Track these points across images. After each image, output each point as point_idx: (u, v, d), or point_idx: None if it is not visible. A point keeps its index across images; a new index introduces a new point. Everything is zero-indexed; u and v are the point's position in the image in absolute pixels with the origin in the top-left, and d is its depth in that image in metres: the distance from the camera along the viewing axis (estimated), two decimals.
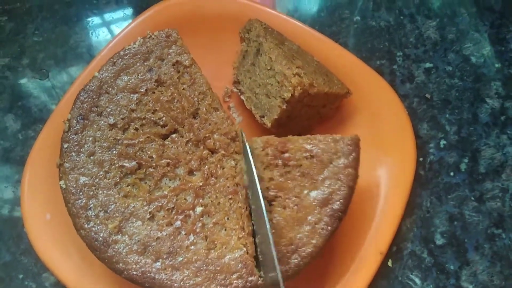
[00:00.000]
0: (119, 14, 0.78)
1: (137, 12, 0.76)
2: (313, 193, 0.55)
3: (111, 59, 0.62)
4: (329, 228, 0.54)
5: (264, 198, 0.55)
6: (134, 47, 0.62)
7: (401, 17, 0.78)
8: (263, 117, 0.63)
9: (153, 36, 0.63)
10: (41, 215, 0.63)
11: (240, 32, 0.67)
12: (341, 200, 0.54)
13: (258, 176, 0.57)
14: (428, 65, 0.75)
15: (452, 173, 0.69)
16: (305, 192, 0.55)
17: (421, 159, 0.69)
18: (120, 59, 0.61)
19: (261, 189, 0.55)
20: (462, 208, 0.67)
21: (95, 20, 0.78)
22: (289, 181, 0.56)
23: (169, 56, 0.62)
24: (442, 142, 0.70)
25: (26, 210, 0.62)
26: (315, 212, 0.54)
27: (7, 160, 0.70)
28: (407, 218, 0.67)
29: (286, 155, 0.57)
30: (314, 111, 0.65)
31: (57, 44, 0.76)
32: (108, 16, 0.78)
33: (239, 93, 0.68)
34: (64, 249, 0.61)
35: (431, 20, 0.77)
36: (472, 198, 0.68)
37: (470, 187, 0.68)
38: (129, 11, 0.79)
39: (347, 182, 0.55)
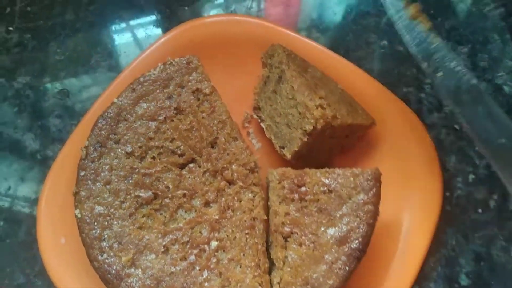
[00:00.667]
0: (142, 35, 0.77)
1: (162, 30, 0.75)
2: (331, 231, 0.53)
3: (131, 85, 0.61)
4: (347, 268, 0.52)
5: (279, 234, 0.54)
6: (154, 74, 0.61)
7: None
8: (283, 148, 0.61)
9: (173, 63, 0.62)
10: (56, 239, 0.62)
11: (262, 57, 0.66)
12: (359, 239, 0.52)
13: (273, 210, 0.55)
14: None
15: (480, 210, 0.65)
16: (322, 229, 0.53)
17: (447, 193, 0.66)
18: (140, 86, 0.61)
19: (276, 224, 0.54)
20: (490, 247, 0.64)
21: (117, 40, 0.77)
22: (305, 217, 0.54)
23: (189, 84, 0.61)
24: (471, 176, 0.67)
25: (41, 233, 0.62)
26: (332, 250, 0.52)
27: (24, 180, 0.70)
28: (430, 256, 0.64)
29: (303, 189, 0.55)
30: (336, 142, 0.63)
31: (78, 63, 0.76)
32: (129, 37, 0.78)
33: (259, 120, 0.66)
34: (77, 273, 0.60)
35: (462, 46, 0.74)
36: (501, 237, 0.64)
37: (499, 225, 0.65)
38: (152, 31, 0.78)
39: (367, 220, 0.53)
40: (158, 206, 0.57)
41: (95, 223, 0.55)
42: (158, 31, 0.77)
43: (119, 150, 0.58)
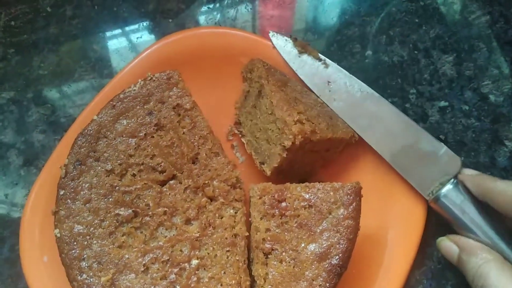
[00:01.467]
0: (125, 48, 0.77)
1: (146, 43, 0.75)
2: (311, 246, 0.53)
3: (111, 102, 0.60)
4: (327, 284, 0.52)
5: (260, 250, 0.53)
6: (134, 90, 0.61)
7: (415, 52, 0.74)
8: (263, 163, 0.61)
9: (154, 78, 0.62)
10: (39, 257, 0.62)
11: (243, 72, 0.65)
12: (340, 255, 0.52)
13: (254, 226, 0.55)
14: (443, 103, 0.71)
15: None
16: (303, 245, 0.53)
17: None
18: (120, 102, 0.60)
19: (257, 240, 0.53)
20: None
21: (100, 53, 0.77)
22: (286, 233, 0.54)
23: (169, 99, 0.61)
24: None
25: (24, 252, 0.62)
26: (313, 267, 0.52)
27: (7, 197, 0.70)
28: (416, 269, 0.63)
29: (283, 204, 0.55)
30: (317, 156, 0.62)
31: (62, 77, 0.76)
32: (114, 50, 0.77)
33: (240, 136, 0.66)
34: None
35: (448, 55, 0.74)
36: None
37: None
38: (136, 43, 0.78)
39: (347, 235, 0.52)
40: (138, 224, 0.56)
41: (75, 243, 0.55)
42: (142, 44, 0.77)
43: (99, 168, 0.58)
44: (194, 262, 0.54)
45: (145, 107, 0.60)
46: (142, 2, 0.78)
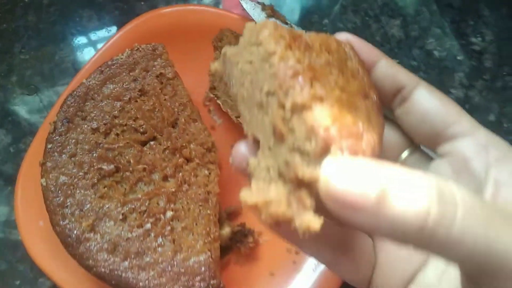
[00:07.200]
0: (102, 30, 0.83)
1: (120, 25, 0.80)
2: (354, 84, 0.38)
3: (99, 68, 0.66)
4: (380, 120, 0.38)
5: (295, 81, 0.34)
6: (121, 58, 0.66)
7: (367, 18, 0.84)
8: (239, 117, 0.67)
9: (140, 49, 0.67)
10: (35, 222, 0.65)
11: (213, 41, 0.72)
12: (376, 96, 0.39)
13: (279, 56, 0.34)
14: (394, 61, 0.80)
15: None
16: (342, 80, 0.38)
17: None
18: (108, 68, 0.65)
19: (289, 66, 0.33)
20: None
21: (78, 37, 0.82)
22: (321, 67, 0.36)
23: (153, 68, 0.66)
24: None
25: (20, 218, 0.65)
26: (362, 102, 0.37)
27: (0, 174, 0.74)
28: None
29: (304, 39, 0.38)
30: None
31: (43, 61, 0.81)
32: (91, 33, 0.83)
33: (216, 98, 0.72)
34: (58, 252, 0.62)
35: (395, 20, 0.83)
36: None
37: None
38: (111, 27, 0.83)
39: (372, 82, 0.40)
40: (119, 179, 0.61)
41: (59, 191, 0.59)
42: (118, 24, 0.82)
43: (85, 126, 0.63)
44: (169, 213, 0.59)
45: (130, 74, 0.66)
46: None
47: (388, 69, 0.39)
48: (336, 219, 0.26)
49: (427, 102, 0.37)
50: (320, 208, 0.28)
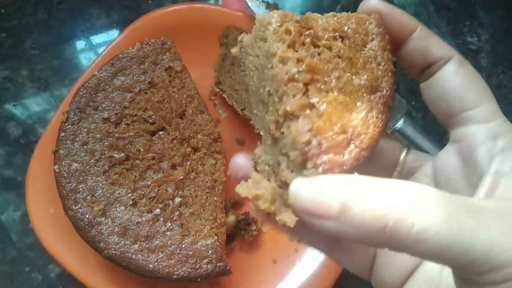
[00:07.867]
0: (110, 28, 0.85)
1: (128, 23, 0.83)
2: (357, 79, 0.40)
3: (111, 61, 0.68)
4: (383, 117, 0.40)
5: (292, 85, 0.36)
6: (132, 51, 0.69)
7: None
8: (244, 109, 0.69)
9: (150, 43, 0.69)
10: (45, 210, 0.67)
11: (219, 38, 0.75)
12: (389, 86, 0.41)
13: (280, 57, 0.37)
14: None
15: None
16: (347, 75, 0.39)
17: None
18: (119, 61, 0.68)
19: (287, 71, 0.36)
20: None
21: (87, 34, 0.85)
22: (323, 63, 0.39)
23: (162, 62, 0.69)
24: None
25: (30, 205, 0.67)
26: (364, 99, 0.40)
27: (10, 164, 0.76)
28: None
29: (312, 31, 0.40)
30: None
31: (53, 57, 0.83)
32: (100, 30, 0.85)
33: (221, 92, 0.74)
34: (67, 238, 0.66)
35: None
36: None
37: None
38: (120, 25, 0.86)
39: (390, 67, 0.41)
40: (129, 166, 0.63)
41: (72, 177, 0.62)
42: (126, 22, 0.85)
43: (97, 116, 0.65)
44: (177, 199, 0.62)
45: (140, 67, 0.68)
46: None
47: (420, 43, 0.37)
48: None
49: (449, 81, 0.36)
50: None
